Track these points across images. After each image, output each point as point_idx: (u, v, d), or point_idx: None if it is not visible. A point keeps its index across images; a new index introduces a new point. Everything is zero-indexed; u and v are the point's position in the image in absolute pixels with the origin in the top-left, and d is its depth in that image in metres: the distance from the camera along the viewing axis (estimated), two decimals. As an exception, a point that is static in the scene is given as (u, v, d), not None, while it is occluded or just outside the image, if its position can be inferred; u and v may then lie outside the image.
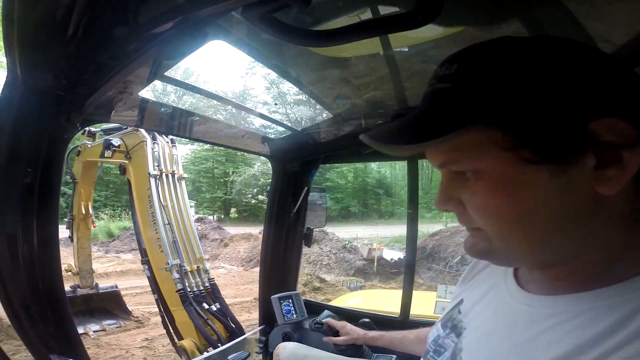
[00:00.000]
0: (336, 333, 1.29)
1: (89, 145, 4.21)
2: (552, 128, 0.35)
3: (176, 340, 3.30)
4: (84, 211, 4.69)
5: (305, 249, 1.76)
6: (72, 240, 4.94)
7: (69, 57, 0.56)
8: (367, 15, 0.65)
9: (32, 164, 0.72)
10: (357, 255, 10.41)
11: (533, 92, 0.35)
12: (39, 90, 0.63)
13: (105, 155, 3.72)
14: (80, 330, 4.89)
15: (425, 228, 13.17)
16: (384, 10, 0.64)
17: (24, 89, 0.60)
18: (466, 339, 0.50)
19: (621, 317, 0.34)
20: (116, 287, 5.71)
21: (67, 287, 4.96)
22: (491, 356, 0.44)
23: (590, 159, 0.35)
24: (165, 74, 0.77)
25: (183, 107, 1.08)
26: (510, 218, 0.38)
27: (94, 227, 5.12)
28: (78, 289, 5.01)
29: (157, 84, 0.83)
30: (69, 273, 5.07)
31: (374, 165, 23.27)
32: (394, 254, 9.57)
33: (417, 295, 1.63)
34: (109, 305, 5.48)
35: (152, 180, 3.37)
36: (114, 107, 0.84)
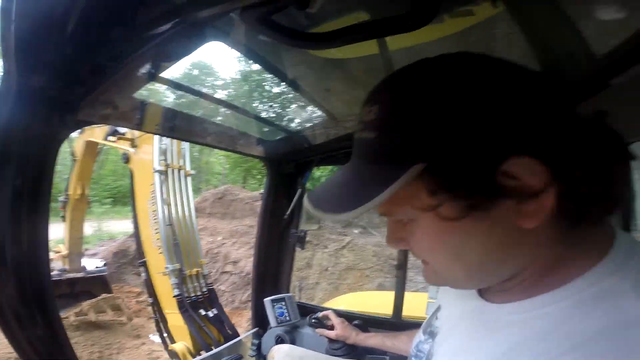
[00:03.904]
0: (332, 328, 1.30)
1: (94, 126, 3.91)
2: (469, 181, 0.35)
3: (168, 343, 3.25)
4: (80, 191, 4.50)
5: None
6: (64, 221, 4.72)
7: (66, 58, 0.56)
8: (363, 17, 0.66)
9: (23, 165, 0.70)
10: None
11: (443, 137, 0.35)
12: (33, 91, 0.61)
13: (109, 139, 3.55)
14: (62, 314, 4.64)
15: (115, 225, 10.99)
16: (380, 12, 0.64)
17: (17, 89, 0.59)
18: (437, 343, 0.53)
19: (546, 324, 0.36)
20: (105, 270, 5.41)
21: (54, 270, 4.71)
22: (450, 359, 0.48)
23: (510, 199, 0.35)
24: (162, 75, 0.76)
25: (178, 109, 1.08)
26: (445, 258, 0.41)
27: (89, 207, 4.89)
28: (65, 273, 4.79)
29: (154, 85, 0.82)
30: (57, 255, 4.86)
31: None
32: (92, 261, 5.68)
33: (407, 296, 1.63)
34: (94, 288, 5.21)
35: (157, 176, 3.14)
36: (110, 109, 0.83)
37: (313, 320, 1.34)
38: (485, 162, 0.34)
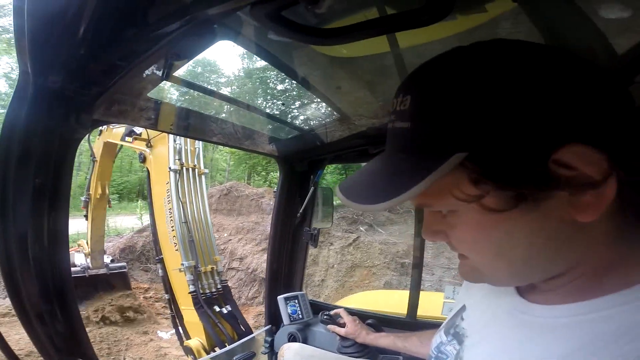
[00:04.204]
0: (343, 326, 1.30)
1: (111, 127, 4.05)
2: (516, 171, 0.33)
3: (184, 339, 3.31)
4: (100, 191, 4.67)
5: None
6: (86, 219, 4.94)
7: (80, 58, 0.57)
8: (375, 13, 0.65)
9: (43, 165, 0.72)
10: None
11: (486, 124, 0.33)
12: (50, 91, 0.63)
13: (126, 139, 3.68)
14: (83, 307, 4.87)
15: (121, 221, 10.80)
16: (392, 8, 0.63)
17: (35, 90, 0.61)
18: (468, 347, 0.50)
19: (613, 328, 0.34)
20: (125, 267, 5.76)
21: (77, 267, 4.96)
22: None
23: (563, 189, 0.33)
24: (175, 74, 0.77)
25: (191, 108, 1.09)
26: (488, 252, 0.38)
27: (110, 206, 5.10)
28: (88, 270, 5.02)
29: (166, 84, 0.83)
30: (80, 249, 5.11)
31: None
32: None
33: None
34: (114, 281, 5.50)
35: (172, 175, 3.23)
36: (124, 108, 0.85)
37: (325, 317, 1.34)
38: (534, 150, 0.32)
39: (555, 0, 0.61)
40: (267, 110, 1.28)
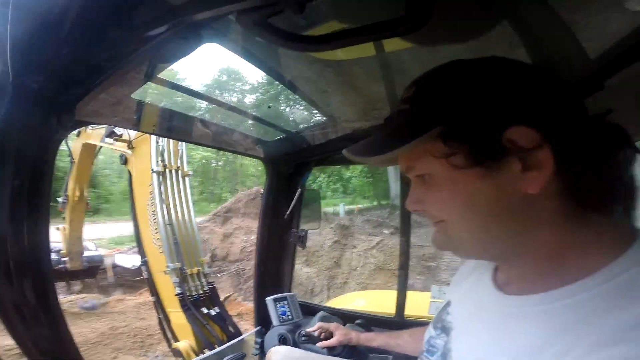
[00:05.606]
0: (330, 335, 1.29)
1: (91, 128, 3.94)
2: (474, 138, 0.43)
3: (172, 342, 3.26)
4: (78, 193, 4.61)
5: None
6: (64, 221, 4.91)
7: (63, 58, 0.56)
8: (358, 20, 0.66)
9: (22, 166, 0.71)
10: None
11: (458, 109, 0.44)
12: (30, 92, 0.62)
13: (106, 140, 3.60)
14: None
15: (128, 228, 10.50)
16: (375, 16, 0.65)
17: (14, 90, 0.59)
18: (454, 338, 0.55)
19: (573, 318, 0.38)
20: (101, 259, 5.90)
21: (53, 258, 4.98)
22: (474, 354, 0.49)
23: (516, 164, 0.42)
24: (159, 75, 0.77)
25: (176, 110, 1.08)
26: (455, 212, 0.47)
27: (88, 208, 5.06)
28: (66, 270, 5.10)
29: (150, 85, 0.83)
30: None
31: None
32: (131, 259, 6.99)
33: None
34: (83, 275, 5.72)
35: (155, 177, 3.17)
36: (107, 109, 0.84)
37: (303, 338, 1.32)
38: (490, 126, 0.42)
39: (532, 9, 0.63)
40: (253, 112, 1.29)
